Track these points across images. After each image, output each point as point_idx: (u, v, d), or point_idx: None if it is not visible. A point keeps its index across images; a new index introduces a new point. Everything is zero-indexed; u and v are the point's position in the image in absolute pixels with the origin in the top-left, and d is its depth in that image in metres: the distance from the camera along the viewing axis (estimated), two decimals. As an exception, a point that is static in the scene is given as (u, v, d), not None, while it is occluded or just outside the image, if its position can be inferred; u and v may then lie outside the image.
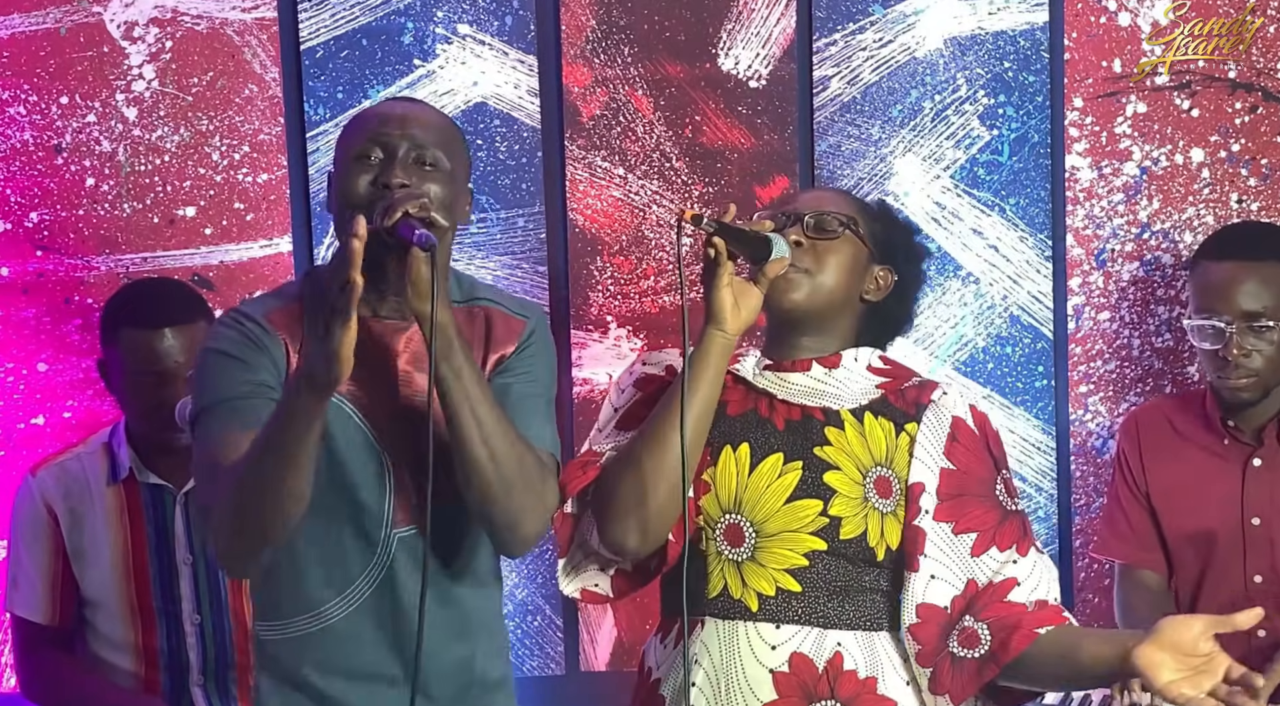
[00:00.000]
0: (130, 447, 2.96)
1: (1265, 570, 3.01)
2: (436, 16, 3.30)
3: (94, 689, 2.95)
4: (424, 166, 2.17)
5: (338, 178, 2.21)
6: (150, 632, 2.96)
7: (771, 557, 2.25)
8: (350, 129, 2.24)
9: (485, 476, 2.11)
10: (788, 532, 2.24)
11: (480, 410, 2.09)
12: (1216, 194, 3.34)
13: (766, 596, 2.25)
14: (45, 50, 3.26)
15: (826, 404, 2.29)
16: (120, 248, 3.29)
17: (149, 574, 2.95)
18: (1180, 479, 3.08)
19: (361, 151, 2.17)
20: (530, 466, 2.15)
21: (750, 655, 2.24)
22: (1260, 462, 3.03)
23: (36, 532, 2.95)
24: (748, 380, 2.34)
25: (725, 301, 2.24)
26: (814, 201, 2.39)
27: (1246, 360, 2.94)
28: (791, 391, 2.31)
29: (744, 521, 2.26)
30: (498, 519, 2.15)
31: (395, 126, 2.18)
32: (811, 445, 2.26)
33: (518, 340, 2.27)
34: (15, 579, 2.98)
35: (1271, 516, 3.01)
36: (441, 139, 2.21)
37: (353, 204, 2.14)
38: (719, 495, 2.27)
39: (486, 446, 2.10)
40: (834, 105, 3.34)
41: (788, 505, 2.24)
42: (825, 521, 2.24)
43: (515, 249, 3.34)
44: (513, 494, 2.13)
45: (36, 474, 2.98)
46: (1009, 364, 3.37)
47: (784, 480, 2.25)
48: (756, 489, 2.25)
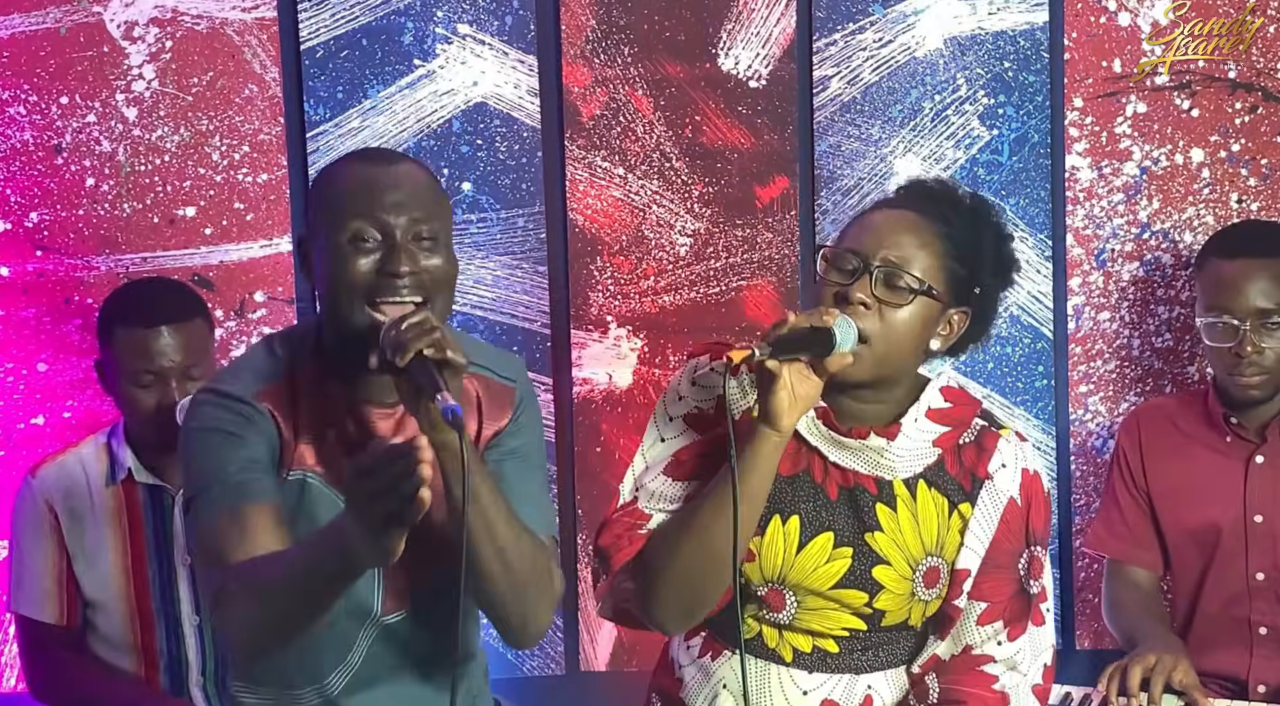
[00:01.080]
0: (129, 448, 2.95)
1: (1268, 567, 3.01)
2: (436, 16, 3.30)
3: (104, 688, 2.94)
4: (422, 242, 2.09)
5: (329, 257, 2.09)
6: (149, 633, 2.96)
7: (811, 626, 2.21)
8: (335, 199, 2.11)
9: (498, 586, 2.07)
10: (830, 611, 2.20)
11: (496, 527, 2.04)
12: (1216, 194, 3.34)
13: (802, 651, 2.23)
14: (45, 50, 3.26)
15: (880, 474, 2.19)
16: (120, 248, 3.29)
17: (148, 575, 2.94)
18: (1182, 477, 3.08)
19: (356, 233, 2.07)
20: (541, 566, 2.12)
21: (781, 696, 2.22)
22: (1263, 460, 3.03)
23: (39, 532, 2.95)
24: (802, 436, 2.19)
25: (782, 404, 2.06)
26: (889, 240, 2.13)
27: (1260, 358, 2.95)
28: (846, 457, 2.19)
29: (787, 591, 2.20)
30: (512, 620, 2.13)
31: (390, 204, 2.08)
32: (863, 529, 2.18)
33: (510, 411, 2.21)
34: (20, 579, 2.98)
35: (1274, 513, 3.00)
36: (434, 206, 2.12)
37: (360, 291, 2.06)
38: (763, 566, 2.19)
39: (501, 562, 2.05)
40: (834, 105, 3.34)
41: (833, 590, 2.19)
42: (869, 611, 2.20)
43: (515, 249, 3.34)
44: (526, 596, 2.10)
45: (36, 474, 2.97)
46: (1009, 364, 3.37)
47: (832, 566, 2.18)
48: (803, 569, 2.18)
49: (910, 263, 2.12)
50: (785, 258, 3.35)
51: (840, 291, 2.11)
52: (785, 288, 3.36)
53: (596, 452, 3.39)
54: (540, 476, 2.25)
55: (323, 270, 2.11)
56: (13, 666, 3.29)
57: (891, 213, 2.19)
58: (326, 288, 2.11)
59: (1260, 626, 3.03)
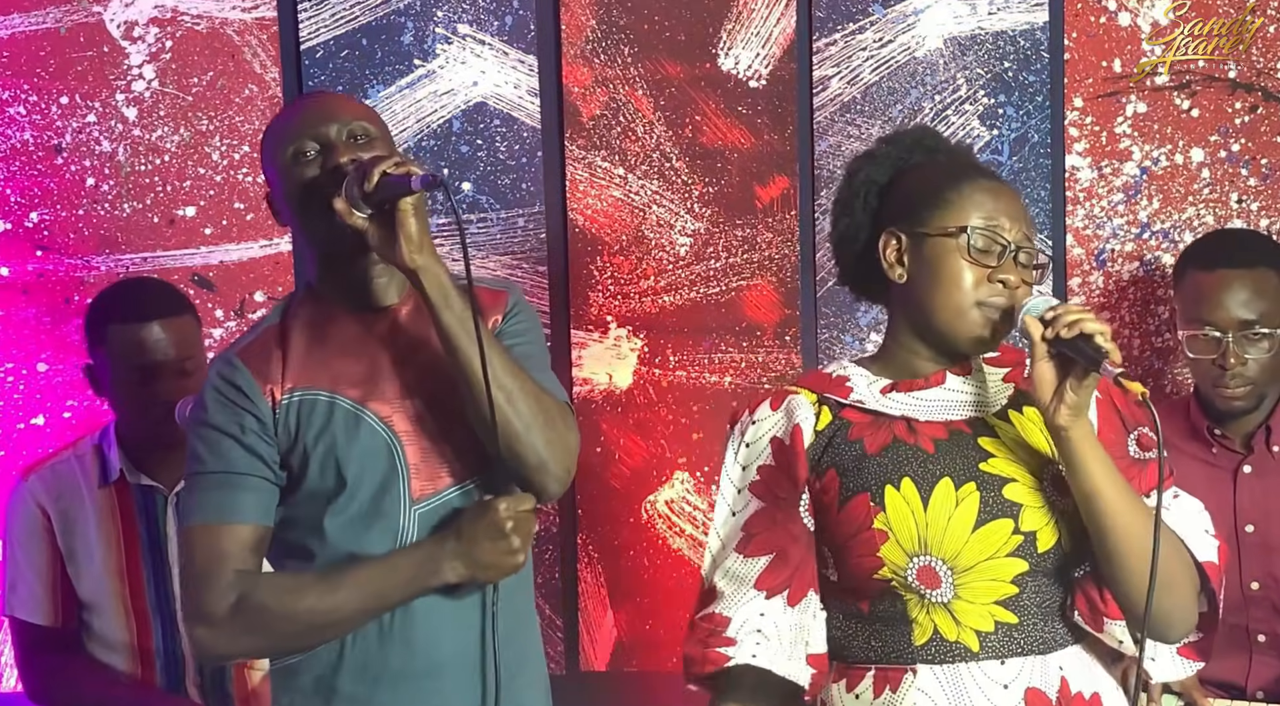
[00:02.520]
0: (120, 449, 2.95)
1: (1262, 577, 3.01)
2: (436, 16, 3.30)
3: (100, 688, 2.94)
4: (357, 140, 2.17)
5: (283, 186, 2.19)
6: (145, 633, 2.95)
7: (979, 592, 2.07)
8: (273, 136, 2.23)
9: (507, 418, 2.12)
10: (986, 561, 2.07)
11: (491, 354, 2.10)
12: (1216, 194, 3.34)
13: (986, 633, 2.08)
14: (45, 50, 3.26)
15: (969, 414, 2.13)
16: (120, 248, 3.29)
17: (142, 575, 2.94)
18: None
19: (297, 150, 2.17)
20: (548, 405, 2.16)
21: (983, 698, 2.08)
22: (1251, 470, 3.02)
23: (33, 535, 2.95)
24: (875, 409, 2.13)
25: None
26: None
27: (1244, 369, 2.94)
28: (930, 409, 2.13)
29: (935, 561, 2.06)
30: (527, 459, 2.15)
31: (316, 118, 2.18)
32: (975, 461, 2.10)
33: (505, 308, 2.28)
34: (14, 583, 2.98)
35: (1265, 523, 3.00)
36: (360, 110, 2.23)
37: (315, 195, 2.13)
38: (900, 541, 2.06)
39: (503, 390, 2.11)
40: (834, 105, 3.34)
41: (977, 532, 2.06)
42: (1020, 539, 2.07)
43: (515, 249, 3.34)
44: (534, 431, 2.13)
45: (28, 478, 2.97)
46: (1009, 364, 3.37)
47: (964, 509, 2.06)
48: (939, 524, 2.06)
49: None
50: (785, 257, 3.35)
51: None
52: (785, 288, 3.36)
53: (596, 452, 3.39)
54: (544, 355, 2.31)
55: (284, 199, 2.20)
56: (13, 666, 3.30)
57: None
58: (291, 210, 2.19)
59: (1258, 634, 3.02)
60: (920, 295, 2.11)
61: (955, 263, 2.08)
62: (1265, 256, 2.98)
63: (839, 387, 2.15)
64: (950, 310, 2.08)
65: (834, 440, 2.13)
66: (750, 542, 2.14)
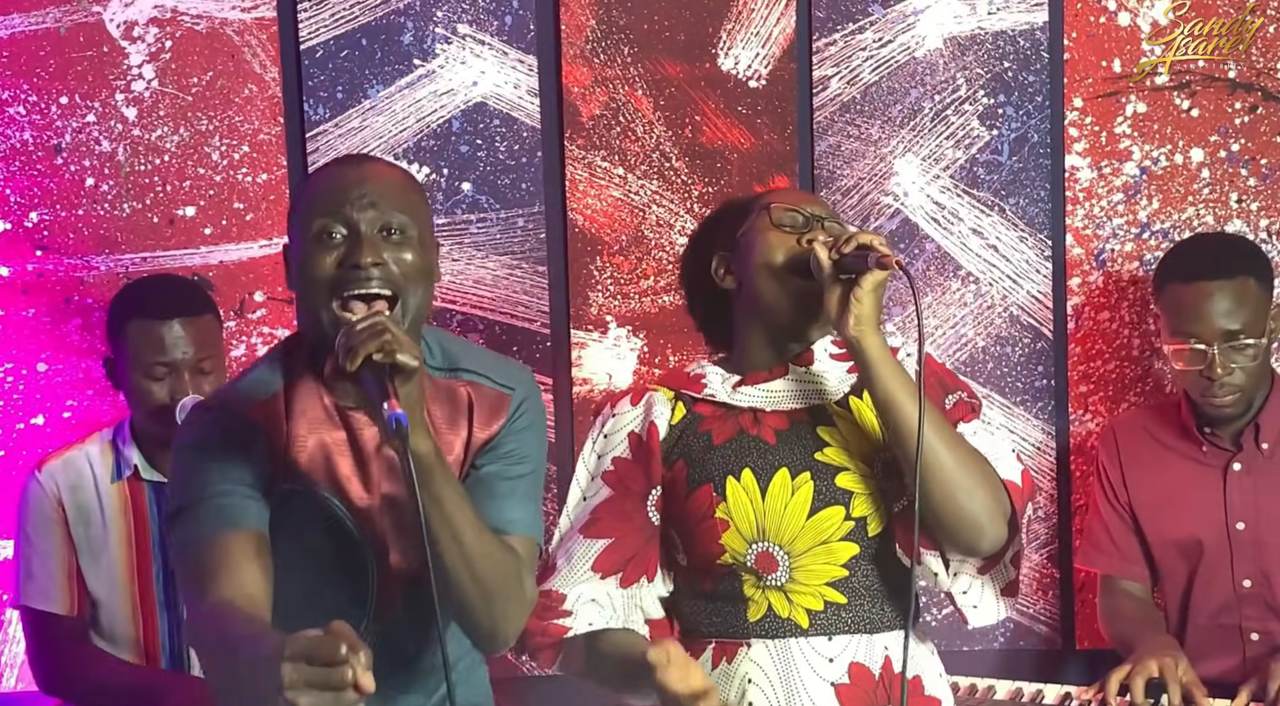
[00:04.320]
0: (135, 445, 2.96)
1: (1253, 574, 3.02)
2: (436, 16, 3.30)
3: (115, 676, 2.94)
4: (390, 235, 2.07)
5: (299, 257, 2.09)
6: (151, 629, 2.96)
7: (812, 574, 2.24)
8: (306, 202, 2.12)
9: (466, 593, 2.06)
10: (819, 546, 2.24)
11: (463, 535, 2.02)
12: (1216, 194, 3.34)
13: (816, 611, 2.25)
14: (45, 50, 3.26)
15: (811, 402, 2.30)
16: (120, 248, 3.29)
17: (151, 571, 2.95)
18: (1162, 488, 3.09)
19: (321, 229, 2.06)
20: (511, 574, 2.09)
21: (809, 670, 2.24)
22: (1240, 467, 3.03)
23: (47, 525, 2.96)
24: (727, 402, 2.32)
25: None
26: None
27: (1230, 378, 2.95)
28: (775, 399, 2.31)
29: (772, 547, 2.24)
30: (480, 626, 2.11)
31: (354, 197, 2.06)
32: (811, 451, 2.26)
33: (505, 416, 2.19)
34: (29, 572, 2.98)
35: (1255, 520, 3.01)
36: (404, 201, 2.10)
37: (323, 287, 2.05)
38: (740, 529, 2.24)
39: (469, 570, 2.04)
40: (834, 105, 3.34)
41: (811, 519, 2.23)
42: (851, 525, 2.24)
43: (515, 249, 3.34)
44: (493, 602, 2.08)
45: (42, 468, 2.98)
46: (1009, 364, 3.37)
47: (799, 497, 2.24)
48: (775, 512, 2.24)
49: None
50: (785, 258, 3.35)
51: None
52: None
53: (596, 452, 3.39)
54: (531, 480, 2.22)
55: (295, 272, 2.11)
56: (13, 666, 3.29)
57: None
58: (299, 289, 2.11)
59: (1251, 632, 3.03)
60: (746, 285, 2.30)
61: (766, 239, 2.28)
62: (1243, 264, 2.98)
63: (694, 384, 2.33)
64: (768, 283, 2.27)
65: (685, 432, 2.31)
66: (594, 526, 2.31)
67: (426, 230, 2.14)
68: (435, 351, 2.20)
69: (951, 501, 2.16)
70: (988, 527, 2.20)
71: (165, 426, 2.90)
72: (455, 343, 2.26)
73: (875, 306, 2.18)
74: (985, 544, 2.22)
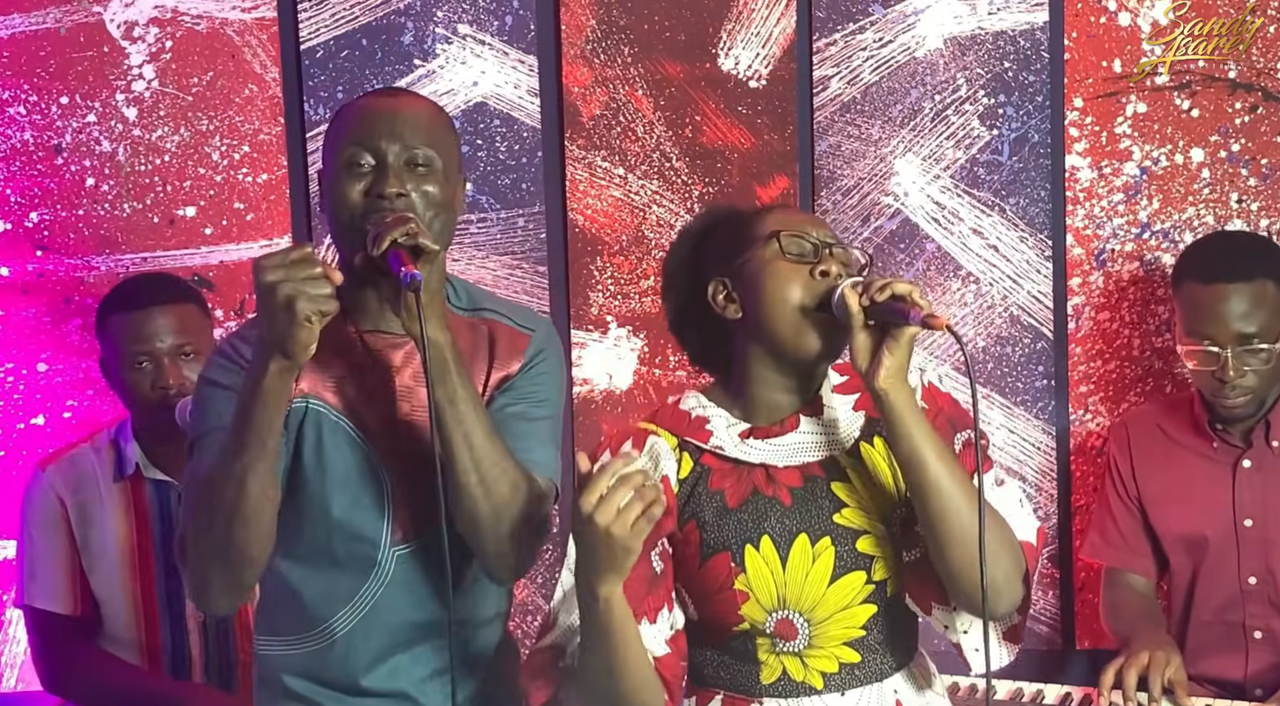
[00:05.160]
0: (137, 443, 2.96)
1: (1259, 571, 3.02)
2: (436, 16, 3.30)
3: (120, 676, 2.94)
4: (416, 167, 2.13)
5: (329, 185, 2.16)
6: (154, 629, 2.96)
7: (829, 637, 2.16)
8: (337, 130, 2.19)
9: (476, 503, 2.07)
10: (840, 612, 2.15)
11: (474, 436, 2.05)
12: (1216, 194, 3.34)
13: (830, 673, 2.17)
14: (45, 50, 3.26)
15: (824, 454, 2.17)
16: (120, 248, 3.29)
17: (154, 570, 2.95)
18: (1172, 483, 3.09)
19: (351, 158, 2.13)
20: (524, 496, 2.10)
21: None
22: (1250, 464, 3.03)
23: (52, 525, 2.96)
24: (741, 459, 2.17)
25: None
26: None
27: (1243, 381, 2.95)
28: (787, 453, 2.17)
29: (793, 614, 2.14)
30: (488, 547, 2.11)
31: (384, 129, 2.13)
32: (829, 513, 2.15)
33: (524, 357, 2.22)
34: (34, 572, 2.98)
35: (1263, 518, 3.01)
36: (431, 135, 2.17)
37: (349, 215, 2.12)
38: (760, 600, 2.13)
39: (478, 473, 2.05)
40: (834, 105, 3.34)
41: (833, 586, 2.14)
42: (872, 588, 2.15)
43: (515, 249, 3.34)
44: (503, 522, 2.08)
45: (46, 468, 2.98)
46: (1009, 364, 3.37)
47: (820, 564, 2.13)
48: (796, 582, 2.13)
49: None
50: (785, 258, 3.35)
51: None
52: (785, 288, 3.36)
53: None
54: (549, 424, 2.23)
55: (324, 198, 2.18)
56: (13, 666, 3.29)
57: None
58: (328, 215, 2.17)
59: (1255, 630, 3.03)
60: (755, 317, 2.14)
61: (775, 270, 2.12)
62: (1262, 266, 2.98)
63: (698, 432, 2.17)
64: (785, 319, 2.11)
65: (696, 490, 2.16)
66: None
67: (452, 164, 2.19)
68: (460, 292, 2.25)
69: (973, 569, 2.04)
70: (1006, 592, 2.12)
71: (156, 419, 2.90)
72: (477, 289, 2.31)
73: (908, 358, 2.06)
74: (1002, 608, 2.15)
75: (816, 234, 2.15)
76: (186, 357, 2.91)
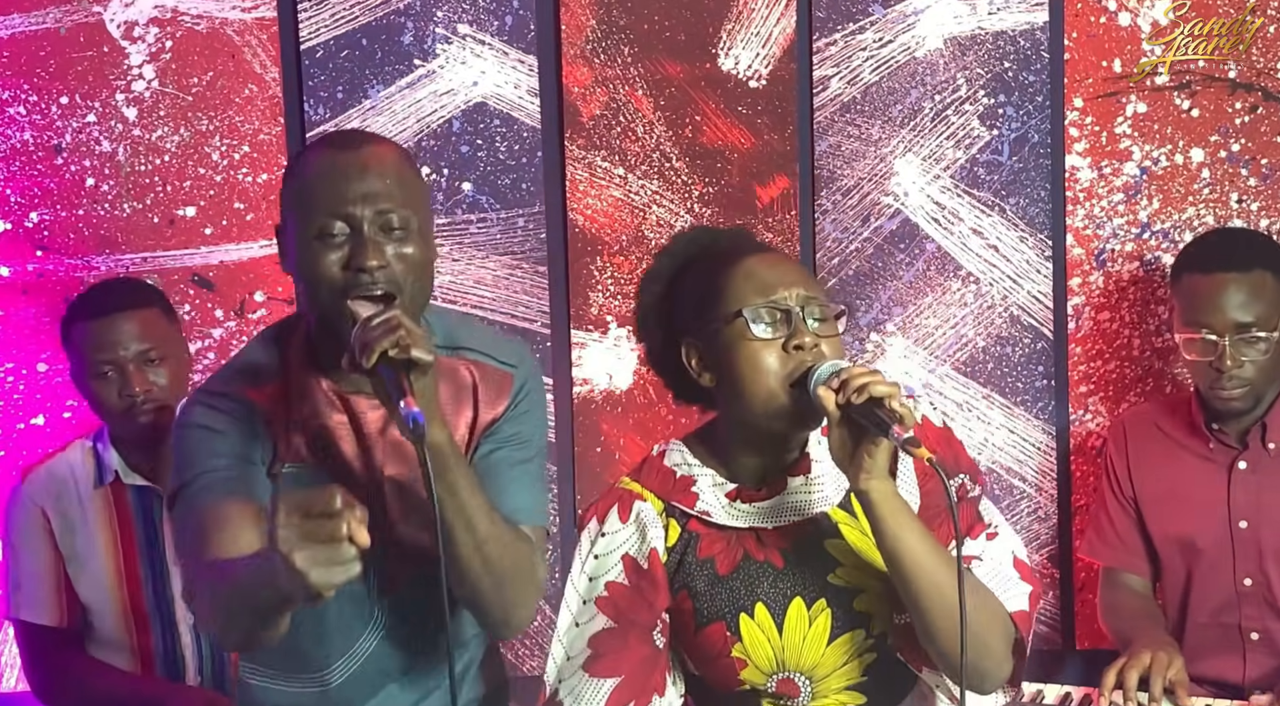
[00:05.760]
0: (115, 450, 2.95)
1: (1254, 573, 3.02)
2: (436, 16, 3.30)
3: (110, 684, 2.94)
4: (393, 232, 2.06)
5: (301, 252, 2.07)
6: (145, 634, 2.96)
7: (831, 688, 2.14)
8: (302, 189, 2.10)
9: (479, 578, 2.06)
10: (840, 669, 2.13)
11: (476, 520, 2.03)
12: (1216, 194, 3.34)
13: None
14: (45, 50, 3.26)
15: (815, 510, 2.12)
16: (120, 248, 3.29)
17: (140, 576, 2.95)
18: (1168, 483, 3.09)
19: (323, 229, 2.05)
20: (522, 559, 2.10)
21: None
22: (1245, 466, 3.03)
23: (34, 536, 2.95)
24: (729, 525, 2.11)
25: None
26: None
27: (1240, 371, 2.95)
28: (779, 516, 2.11)
29: (793, 675, 2.12)
30: (492, 614, 2.12)
31: (355, 193, 2.05)
32: (823, 574, 2.11)
33: (508, 398, 2.20)
34: (18, 583, 2.98)
35: (1258, 519, 3.01)
36: (402, 190, 2.09)
37: (328, 289, 2.05)
38: (758, 666, 2.11)
39: (480, 553, 2.04)
40: (834, 105, 3.34)
41: (832, 646, 2.12)
42: (872, 641, 2.13)
43: (515, 249, 3.34)
44: (505, 589, 2.08)
45: (26, 478, 2.98)
46: (1009, 364, 3.37)
47: (817, 627, 2.11)
48: (794, 645, 2.11)
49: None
50: (785, 258, 3.35)
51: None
52: (785, 288, 3.35)
53: (596, 453, 3.39)
54: (536, 465, 2.23)
55: (296, 264, 2.11)
56: (13, 666, 3.29)
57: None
58: (302, 283, 2.11)
59: (1251, 631, 3.03)
60: (731, 393, 2.07)
61: (747, 348, 2.04)
62: (1261, 258, 2.99)
63: (684, 495, 2.12)
64: (760, 400, 2.04)
65: (685, 558, 2.12)
66: (598, 662, 2.11)
67: (425, 218, 2.14)
68: (436, 330, 2.20)
69: (957, 654, 1.98)
70: (994, 673, 2.09)
71: (127, 426, 2.90)
72: (453, 319, 2.27)
73: (889, 459, 2.00)
74: (989, 688, 2.12)
75: (786, 293, 2.05)
76: (152, 363, 2.90)
